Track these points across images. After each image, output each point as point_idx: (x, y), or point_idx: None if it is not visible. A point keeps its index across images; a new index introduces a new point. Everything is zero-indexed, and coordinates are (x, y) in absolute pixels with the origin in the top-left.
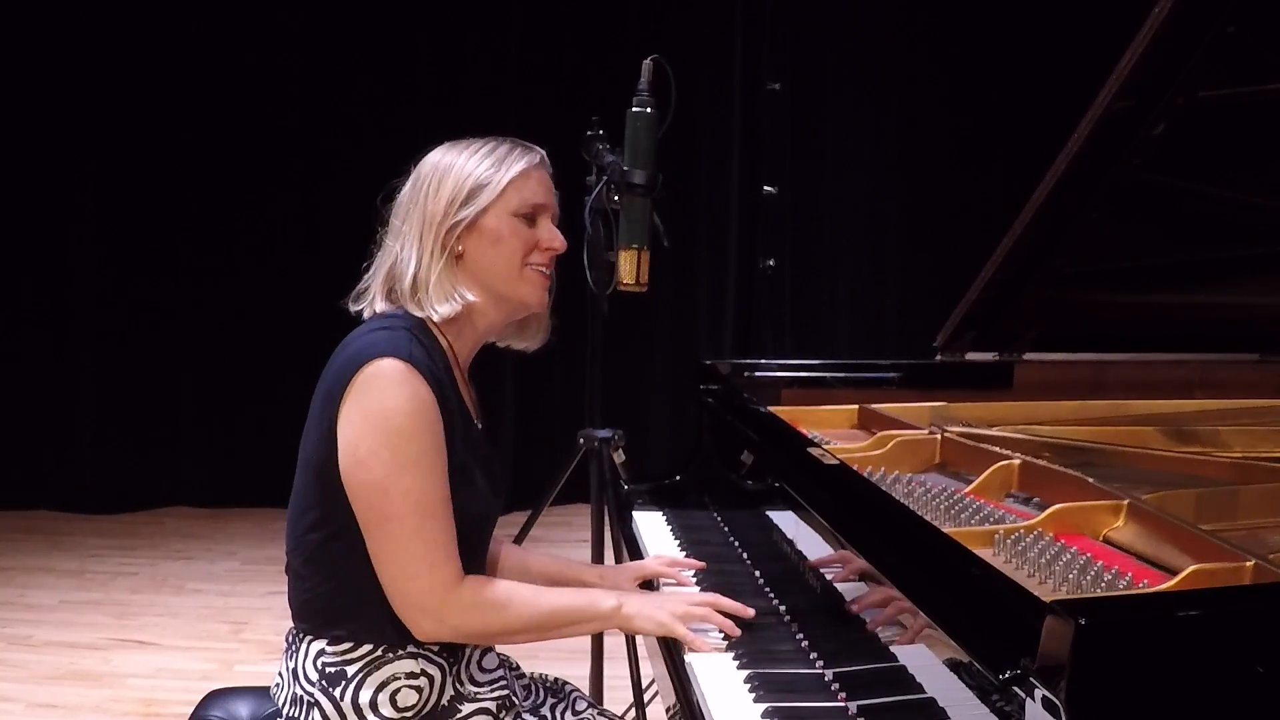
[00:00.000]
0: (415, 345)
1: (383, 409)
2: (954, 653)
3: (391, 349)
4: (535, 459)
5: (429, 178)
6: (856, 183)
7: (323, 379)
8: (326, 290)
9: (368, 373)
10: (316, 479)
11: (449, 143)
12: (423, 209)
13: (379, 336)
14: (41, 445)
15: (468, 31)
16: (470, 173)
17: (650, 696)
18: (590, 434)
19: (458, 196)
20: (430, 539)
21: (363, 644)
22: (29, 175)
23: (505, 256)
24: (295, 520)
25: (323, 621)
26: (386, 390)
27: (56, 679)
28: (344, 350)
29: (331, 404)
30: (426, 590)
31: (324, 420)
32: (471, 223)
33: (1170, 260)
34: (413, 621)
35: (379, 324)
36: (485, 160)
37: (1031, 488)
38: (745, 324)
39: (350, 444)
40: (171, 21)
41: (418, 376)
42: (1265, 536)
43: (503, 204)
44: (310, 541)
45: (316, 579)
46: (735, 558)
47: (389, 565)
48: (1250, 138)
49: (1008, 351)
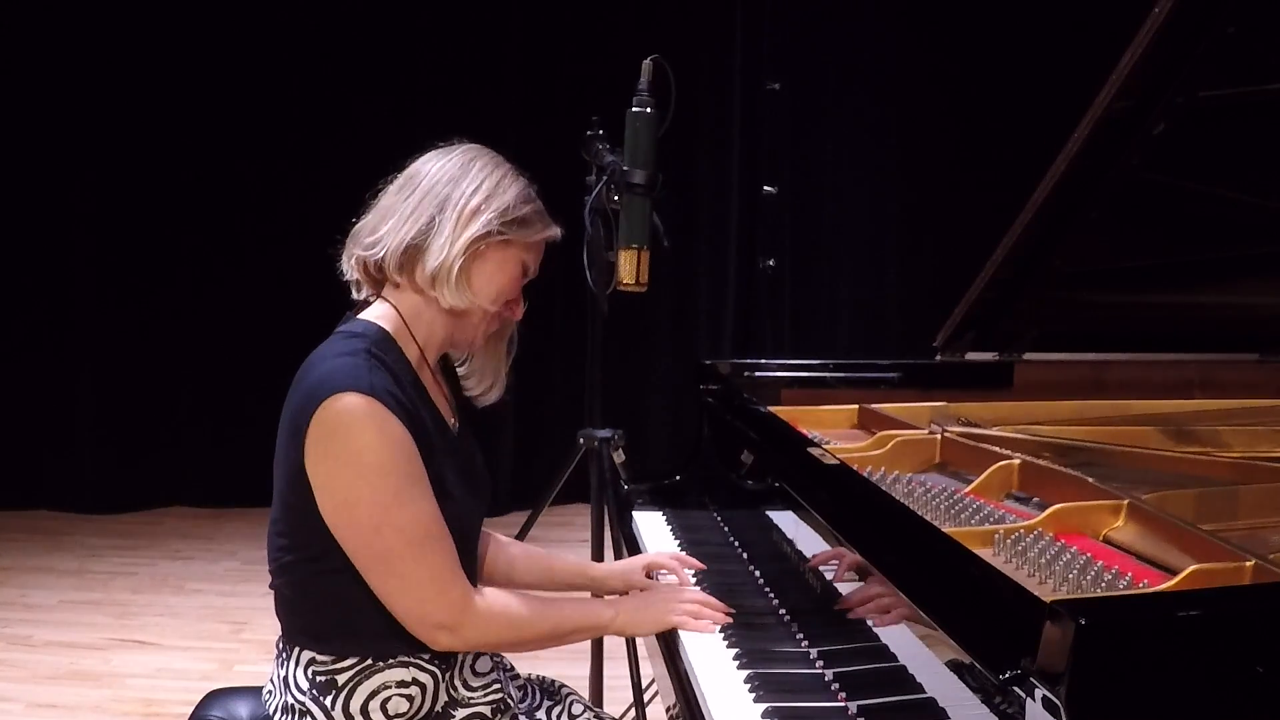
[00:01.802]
0: (376, 371)
1: (351, 449)
2: (954, 653)
3: (351, 381)
4: (535, 459)
5: (474, 168)
6: (856, 183)
7: (286, 405)
8: (326, 290)
9: (331, 411)
10: (288, 508)
11: (481, 148)
12: (464, 196)
13: (338, 366)
14: (41, 445)
15: (468, 32)
16: (513, 201)
17: (650, 696)
18: (590, 434)
19: (503, 211)
20: (434, 564)
21: (350, 656)
22: (29, 175)
23: (495, 290)
24: (272, 541)
25: (309, 636)
26: (352, 430)
27: (56, 679)
28: (305, 378)
29: (296, 439)
30: (441, 612)
31: (291, 454)
32: (501, 243)
33: (1170, 260)
34: (429, 639)
35: (340, 347)
36: (528, 203)
37: (1031, 488)
38: (745, 324)
39: (327, 488)
40: (172, 21)
41: (381, 409)
42: (1265, 536)
43: (523, 250)
44: (287, 564)
45: (297, 597)
46: (735, 558)
47: (399, 598)
48: (1250, 138)
49: (1008, 351)
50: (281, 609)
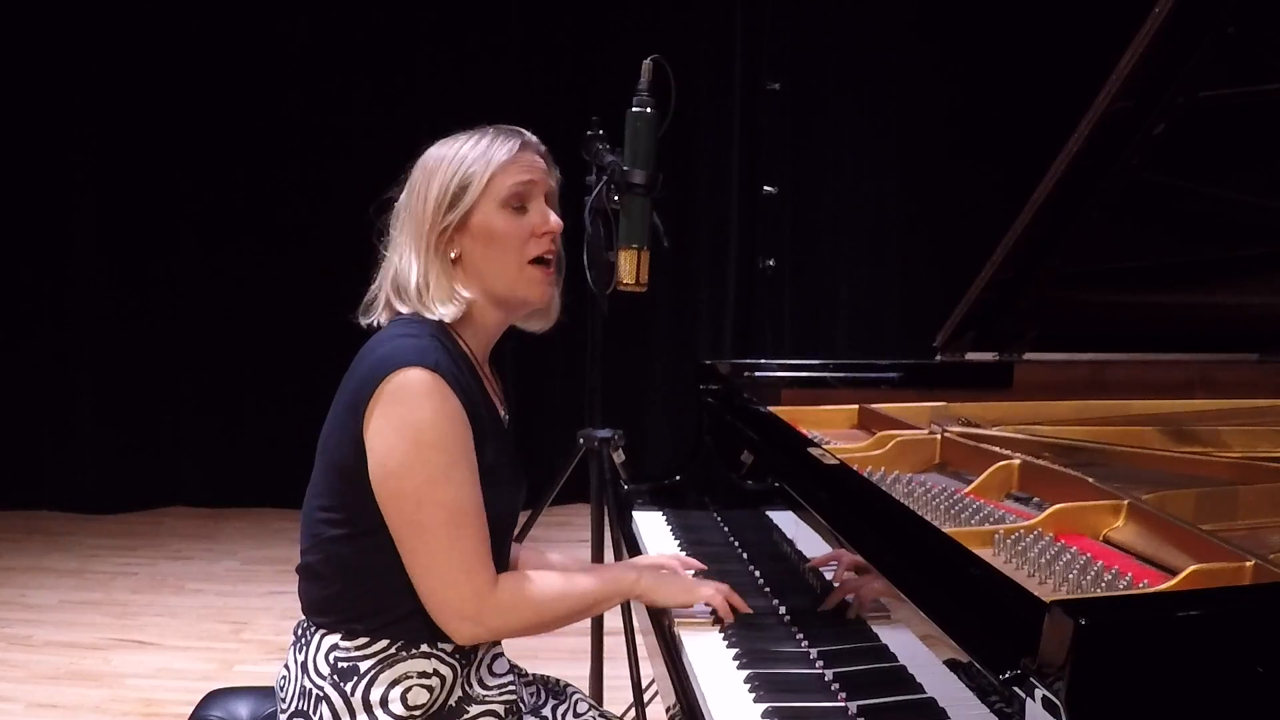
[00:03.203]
0: (441, 352)
1: (412, 421)
2: (954, 653)
3: (418, 358)
4: (535, 459)
5: (419, 182)
6: (856, 183)
7: (346, 382)
8: (326, 290)
9: (395, 382)
10: (343, 481)
11: (439, 141)
12: (414, 215)
13: (404, 344)
14: (41, 445)
15: (468, 31)
16: (454, 171)
17: (650, 697)
18: (590, 434)
19: (444, 199)
20: (466, 547)
21: (379, 640)
22: (28, 174)
23: (501, 255)
24: (314, 520)
25: (340, 618)
26: (415, 402)
27: (56, 679)
28: (369, 356)
29: (357, 410)
30: (466, 597)
31: (350, 426)
32: (461, 223)
33: (1170, 260)
34: (452, 627)
35: (403, 330)
36: (467, 156)
37: (1031, 488)
38: (745, 324)
39: (381, 456)
40: (172, 21)
41: (445, 386)
42: (1265, 536)
43: (489, 198)
44: (331, 540)
45: (335, 577)
46: (735, 558)
47: (426, 575)
48: (1250, 138)
49: (1008, 351)
50: (312, 589)
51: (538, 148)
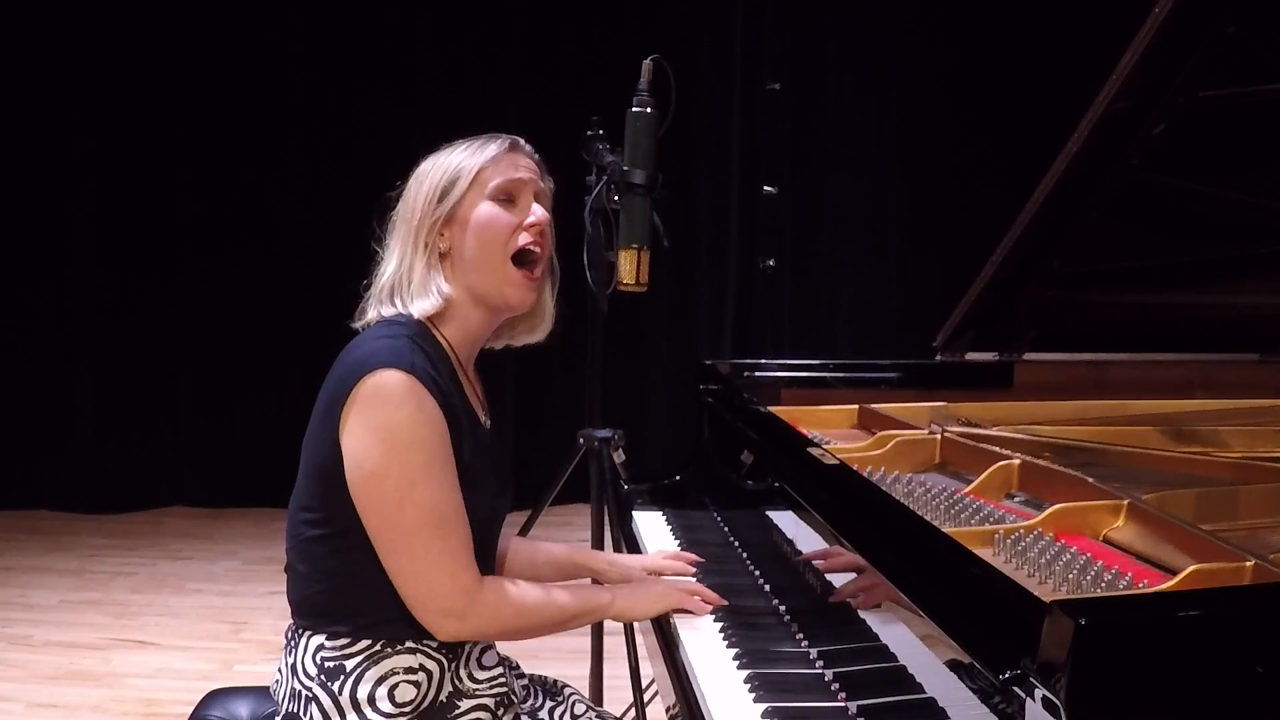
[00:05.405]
0: (417, 354)
1: (387, 423)
2: (954, 653)
3: (394, 359)
4: (535, 459)
5: (411, 187)
6: (856, 183)
7: (326, 384)
8: (326, 289)
9: (370, 384)
10: (320, 482)
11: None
12: (406, 216)
13: (381, 345)
14: (41, 445)
15: (468, 31)
16: (445, 168)
17: (650, 697)
18: (590, 434)
19: (434, 194)
20: (447, 548)
21: (361, 639)
22: (28, 175)
23: (487, 246)
24: (295, 519)
25: (322, 618)
26: (390, 404)
27: (56, 679)
28: (347, 357)
29: (334, 412)
30: (448, 596)
31: (327, 427)
32: (450, 215)
33: (1170, 260)
34: (435, 625)
35: (382, 331)
36: (459, 155)
37: (1031, 488)
38: (745, 324)
39: (357, 458)
40: (172, 21)
41: (420, 388)
42: (1265, 536)
43: (478, 189)
44: (310, 540)
45: (316, 577)
46: (735, 558)
47: (409, 577)
48: (1250, 138)
49: (1008, 351)
50: (295, 590)
51: (531, 153)
